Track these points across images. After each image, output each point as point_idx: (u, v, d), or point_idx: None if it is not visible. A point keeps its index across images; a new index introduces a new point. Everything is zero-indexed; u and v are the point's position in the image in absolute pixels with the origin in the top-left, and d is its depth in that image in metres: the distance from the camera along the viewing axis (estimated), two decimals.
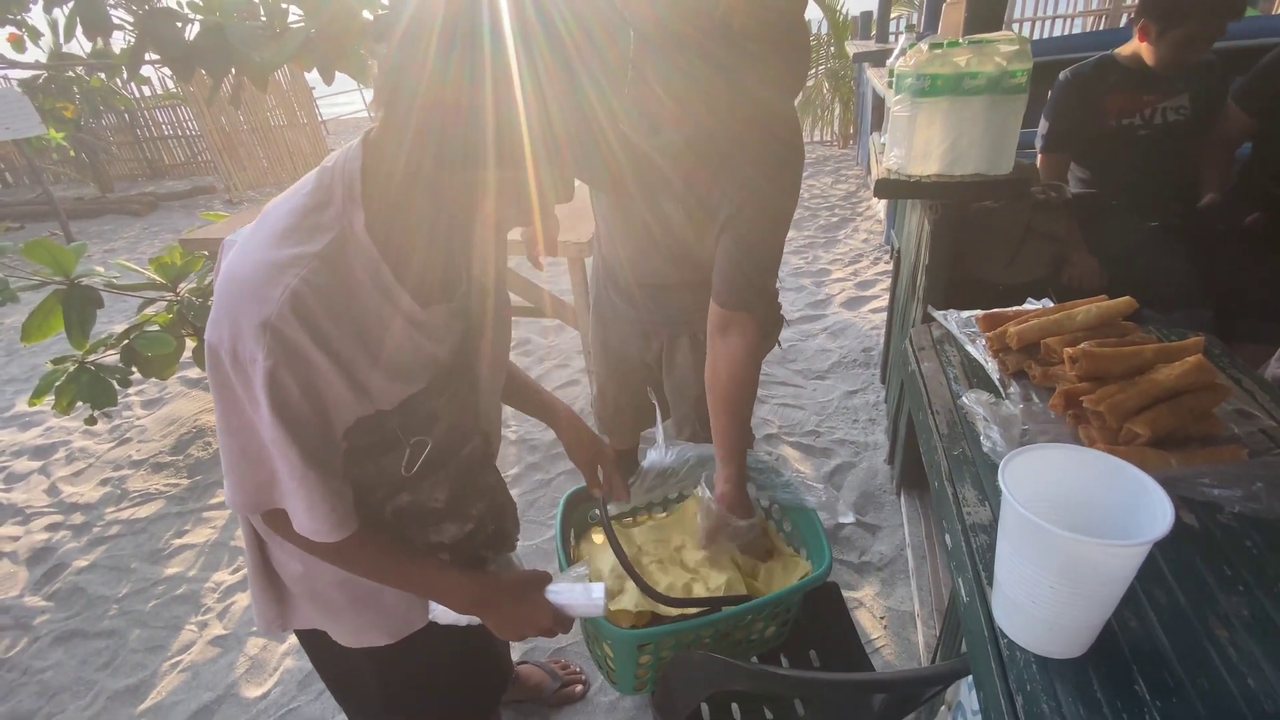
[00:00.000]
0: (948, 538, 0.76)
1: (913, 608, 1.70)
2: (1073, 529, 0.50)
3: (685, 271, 1.29)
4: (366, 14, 2.31)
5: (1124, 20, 7.24)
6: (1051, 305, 1.11)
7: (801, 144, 1.13)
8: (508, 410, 3.02)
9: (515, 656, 1.66)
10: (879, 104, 3.94)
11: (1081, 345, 0.88)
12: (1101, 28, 7.53)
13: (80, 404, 2.45)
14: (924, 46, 1.42)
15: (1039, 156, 2.03)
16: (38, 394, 2.41)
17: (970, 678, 0.85)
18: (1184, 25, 1.70)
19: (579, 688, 1.59)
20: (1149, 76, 1.83)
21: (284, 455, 0.68)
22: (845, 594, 1.59)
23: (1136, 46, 1.83)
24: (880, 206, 4.71)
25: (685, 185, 1.14)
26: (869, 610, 1.74)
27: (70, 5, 1.99)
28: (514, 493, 2.31)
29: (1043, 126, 2.00)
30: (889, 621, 1.70)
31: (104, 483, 2.65)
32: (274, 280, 0.62)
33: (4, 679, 1.83)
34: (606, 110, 1.13)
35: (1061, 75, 1.95)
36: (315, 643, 0.98)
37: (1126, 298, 0.99)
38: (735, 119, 1.02)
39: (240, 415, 0.68)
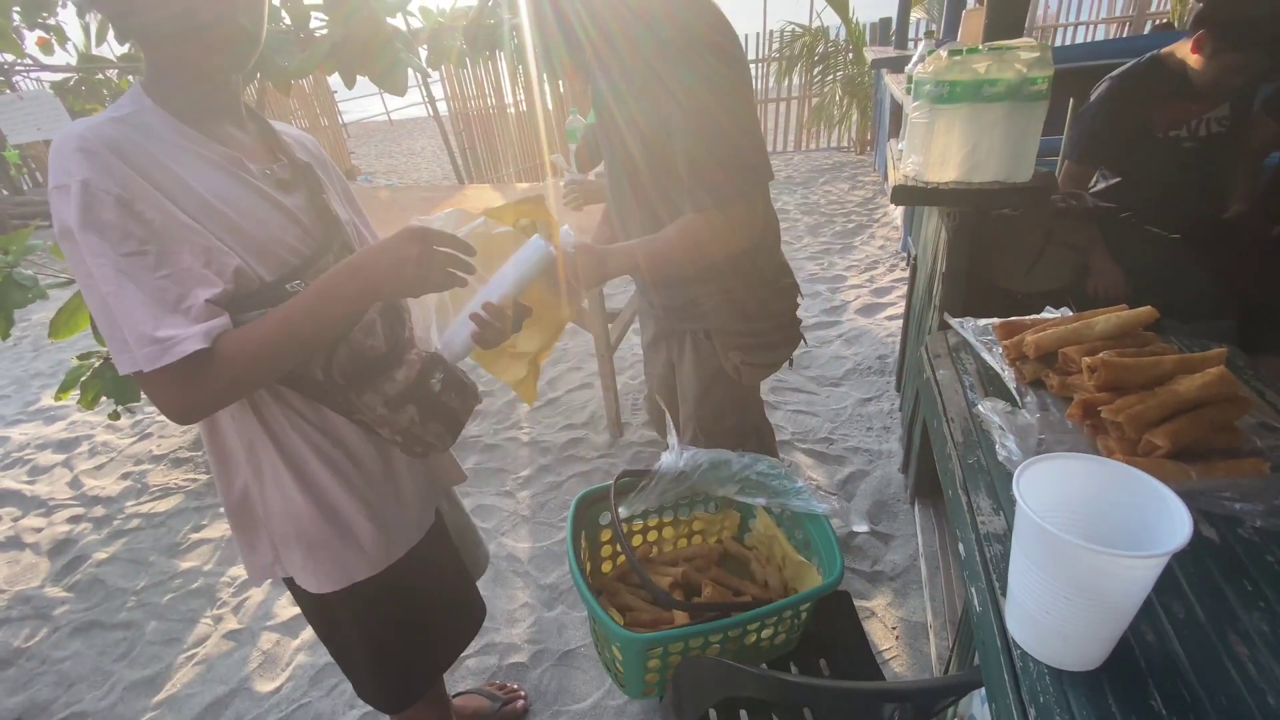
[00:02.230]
0: (961, 547, 0.75)
1: (925, 619, 1.68)
2: (1088, 539, 0.49)
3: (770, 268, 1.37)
4: (390, 20, 2.35)
5: (1148, 27, 7.15)
6: (1070, 314, 1.10)
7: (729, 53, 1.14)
8: (519, 412, 3.03)
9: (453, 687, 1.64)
10: (897, 110, 3.92)
11: (1100, 355, 0.87)
12: (1125, 34, 7.45)
13: (104, 399, 2.49)
14: (943, 53, 1.42)
15: (1064, 163, 1.94)
16: (63, 388, 2.46)
17: (983, 690, 0.84)
18: (1241, 51, 1.63)
19: (520, 703, 1.58)
20: (1194, 84, 1.74)
21: (99, 267, 0.71)
22: (857, 603, 1.58)
23: (1185, 52, 1.73)
24: (897, 213, 4.68)
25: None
26: (881, 620, 1.73)
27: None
28: (524, 495, 2.32)
29: (1077, 133, 1.89)
30: (901, 632, 1.68)
31: (125, 476, 2.70)
32: (81, 124, 0.73)
33: (24, 668, 1.86)
34: (623, 108, 1.19)
35: (1108, 82, 1.84)
36: (303, 600, 1.03)
37: (1147, 307, 0.98)
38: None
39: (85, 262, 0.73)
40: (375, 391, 0.89)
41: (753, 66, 7.46)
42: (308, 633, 1.86)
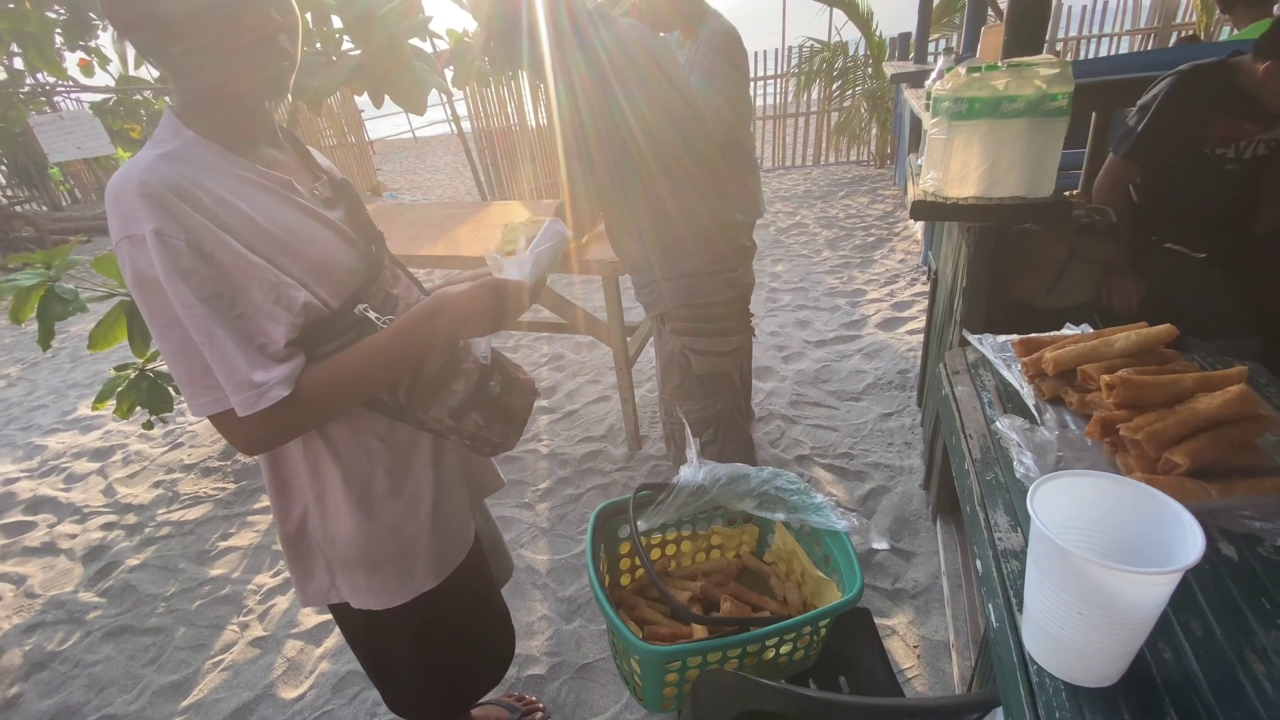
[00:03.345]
0: (978, 563, 0.75)
1: (948, 637, 1.67)
2: (1103, 556, 0.50)
3: (709, 255, 1.51)
4: (414, 42, 2.42)
5: (1173, 39, 7.08)
6: (1090, 331, 1.10)
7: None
8: (540, 424, 3.05)
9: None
10: (916, 124, 3.92)
11: (1119, 372, 0.87)
12: (1150, 47, 7.37)
13: (139, 409, 2.57)
14: (961, 70, 1.43)
15: (1109, 158, 1.83)
16: (101, 398, 2.53)
17: (1003, 709, 0.84)
18: None
19: (539, 714, 1.58)
20: (1260, 105, 1.67)
21: (190, 316, 0.71)
22: (877, 621, 1.57)
23: (1257, 69, 1.65)
24: (918, 226, 4.67)
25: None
26: (902, 639, 1.71)
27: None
28: (543, 508, 2.34)
29: (1131, 126, 1.78)
30: (922, 651, 1.67)
31: (157, 485, 2.77)
32: (135, 167, 0.72)
33: (56, 671, 1.91)
34: (639, 119, 1.31)
35: (1175, 77, 1.73)
36: (351, 620, 1.04)
37: (1167, 325, 0.98)
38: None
39: (167, 309, 0.73)
40: (439, 405, 0.92)
41: (771, 82, 7.52)
42: (330, 641, 1.89)
